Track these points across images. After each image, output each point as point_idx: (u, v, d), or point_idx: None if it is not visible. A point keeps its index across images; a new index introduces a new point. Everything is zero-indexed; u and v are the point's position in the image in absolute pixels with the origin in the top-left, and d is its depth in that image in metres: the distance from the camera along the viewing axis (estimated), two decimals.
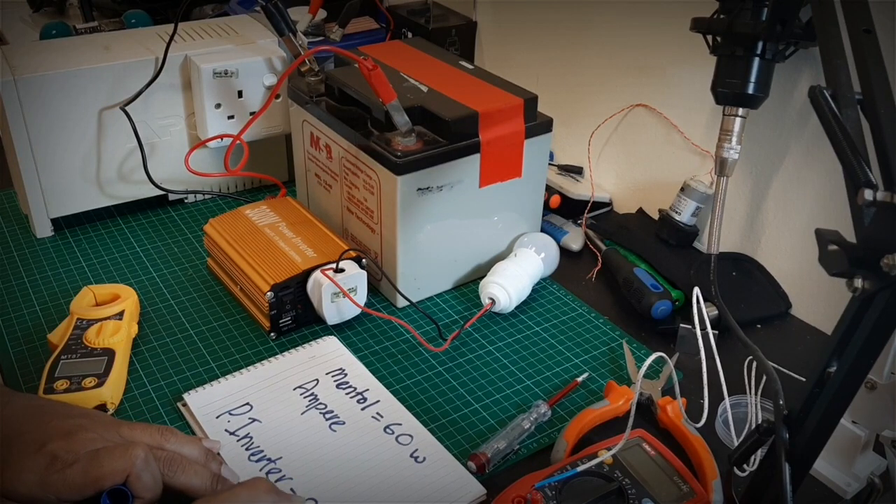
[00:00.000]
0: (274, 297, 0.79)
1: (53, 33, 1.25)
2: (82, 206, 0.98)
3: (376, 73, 0.79)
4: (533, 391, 0.77)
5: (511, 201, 0.91)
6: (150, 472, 0.58)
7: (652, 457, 0.67)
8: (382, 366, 0.80)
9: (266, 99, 0.99)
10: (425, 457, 0.67)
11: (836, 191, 0.83)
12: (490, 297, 0.85)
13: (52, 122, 0.91)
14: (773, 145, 0.88)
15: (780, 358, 0.79)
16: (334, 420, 0.71)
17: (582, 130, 1.09)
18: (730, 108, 0.82)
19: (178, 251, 0.96)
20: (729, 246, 0.95)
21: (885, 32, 0.60)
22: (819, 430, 0.53)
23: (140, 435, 0.61)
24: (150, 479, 0.58)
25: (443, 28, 1.24)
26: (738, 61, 0.79)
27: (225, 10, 1.39)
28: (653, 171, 1.03)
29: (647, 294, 0.85)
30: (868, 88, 0.52)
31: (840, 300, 0.51)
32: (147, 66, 0.94)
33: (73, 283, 0.89)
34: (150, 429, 0.62)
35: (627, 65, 1.02)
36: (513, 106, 0.86)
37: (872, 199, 0.46)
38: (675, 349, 0.83)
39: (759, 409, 0.74)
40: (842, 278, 0.48)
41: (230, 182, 1.08)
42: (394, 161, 0.80)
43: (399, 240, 0.84)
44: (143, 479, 0.57)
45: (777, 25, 0.77)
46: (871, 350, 0.50)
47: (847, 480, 0.68)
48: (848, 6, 0.58)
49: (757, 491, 0.59)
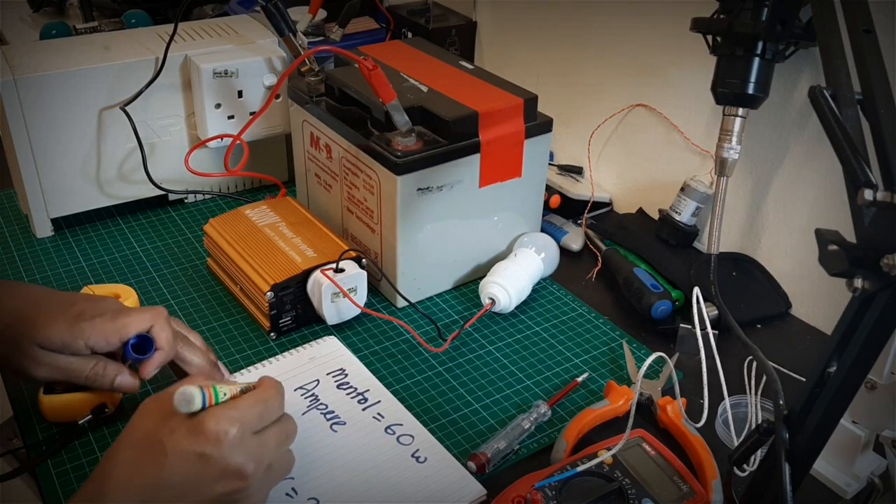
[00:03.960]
0: (274, 297, 0.79)
1: (53, 33, 1.25)
2: (82, 206, 0.98)
3: (376, 73, 0.79)
4: (533, 391, 0.77)
5: (511, 201, 0.91)
6: (170, 328, 0.68)
7: (652, 457, 0.67)
8: (382, 366, 0.80)
9: (266, 99, 0.99)
10: (426, 457, 0.67)
11: (836, 191, 0.83)
12: (490, 297, 0.85)
13: (52, 122, 0.91)
14: (773, 145, 0.88)
15: (780, 358, 0.79)
16: (335, 420, 0.71)
17: (582, 130, 1.09)
18: (730, 108, 0.82)
19: (178, 251, 0.96)
20: (729, 246, 0.95)
21: (885, 32, 0.60)
22: (819, 430, 0.53)
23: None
24: (170, 333, 0.67)
25: (443, 28, 1.24)
26: (738, 61, 0.79)
27: (225, 10, 1.39)
28: (653, 171, 1.03)
29: (647, 294, 0.85)
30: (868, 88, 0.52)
31: (840, 300, 0.51)
32: (147, 66, 0.94)
33: (73, 283, 0.89)
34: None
35: (627, 65, 1.02)
36: (513, 106, 0.86)
37: (872, 199, 0.46)
38: (675, 349, 0.83)
39: (759, 409, 0.74)
40: (842, 278, 0.48)
41: (230, 182, 1.08)
42: (394, 161, 0.80)
43: (399, 240, 0.84)
44: (166, 331, 0.67)
45: (777, 25, 0.77)
46: (871, 350, 0.50)
47: (847, 480, 0.68)
48: (848, 6, 0.58)
49: (757, 491, 0.59)
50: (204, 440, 0.52)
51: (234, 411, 0.54)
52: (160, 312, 0.68)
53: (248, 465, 0.53)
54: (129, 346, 0.66)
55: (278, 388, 0.59)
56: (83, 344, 0.65)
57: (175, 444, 0.52)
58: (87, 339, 0.65)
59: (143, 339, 0.66)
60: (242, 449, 0.53)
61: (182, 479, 0.52)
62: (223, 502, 0.53)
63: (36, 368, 0.65)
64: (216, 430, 0.52)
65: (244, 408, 0.55)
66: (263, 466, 0.55)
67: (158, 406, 0.55)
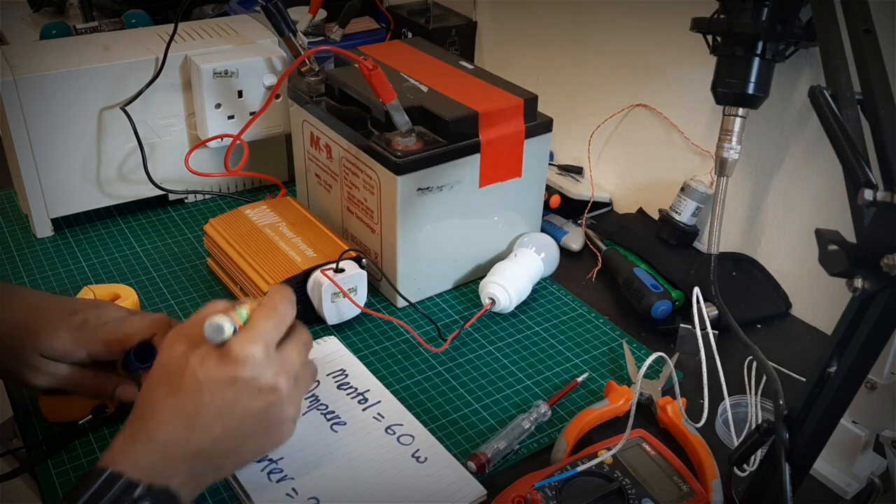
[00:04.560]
0: None
1: (53, 33, 1.24)
2: (82, 206, 0.98)
3: (376, 73, 0.79)
4: (533, 391, 0.77)
5: (511, 201, 0.91)
6: None
7: (652, 457, 0.67)
8: (382, 366, 0.80)
9: (266, 99, 0.99)
10: (427, 457, 0.67)
11: (836, 191, 0.83)
12: (490, 297, 0.85)
13: (52, 122, 0.91)
14: (773, 145, 0.88)
15: (780, 358, 0.79)
16: (335, 420, 0.71)
17: (582, 130, 1.09)
18: (730, 108, 0.82)
19: (178, 251, 0.96)
20: (729, 246, 0.95)
21: (885, 32, 0.60)
22: (819, 430, 0.53)
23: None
24: None
25: (443, 28, 1.24)
26: (738, 61, 0.79)
27: (225, 10, 1.39)
28: (653, 171, 1.03)
29: (647, 294, 0.85)
30: (868, 88, 0.52)
31: (840, 300, 0.51)
32: (147, 66, 0.94)
33: (73, 283, 0.89)
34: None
35: (627, 65, 1.02)
36: (513, 106, 0.86)
37: (872, 199, 0.46)
38: (675, 349, 0.83)
39: (759, 409, 0.74)
40: (842, 278, 0.49)
41: (230, 182, 1.08)
42: (394, 161, 0.80)
43: (399, 240, 0.84)
44: None
45: (777, 25, 0.77)
46: (871, 350, 0.50)
47: (847, 480, 0.68)
48: (848, 6, 0.58)
49: (757, 491, 0.59)
50: (234, 366, 0.55)
51: (253, 332, 0.56)
52: (163, 321, 0.67)
53: (279, 379, 0.56)
54: (131, 354, 0.65)
55: (285, 294, 0.61)
56: (86, 353, 0.64)
57: (208, 374, 0.54)
58: (89, 348, 0.64)
59: (144, 347, 0.66)
60: (270, 366, 0.56)
61: (221, 403, 0.54)
62: (263, 416, 0.56)
63: (35, 377, 0.64)
64: (243, 353, 0.55)
65: (261, 325, 0.57)
66: (292, 378, 0.58)
67: (184, 337, 0.57)
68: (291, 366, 0.58)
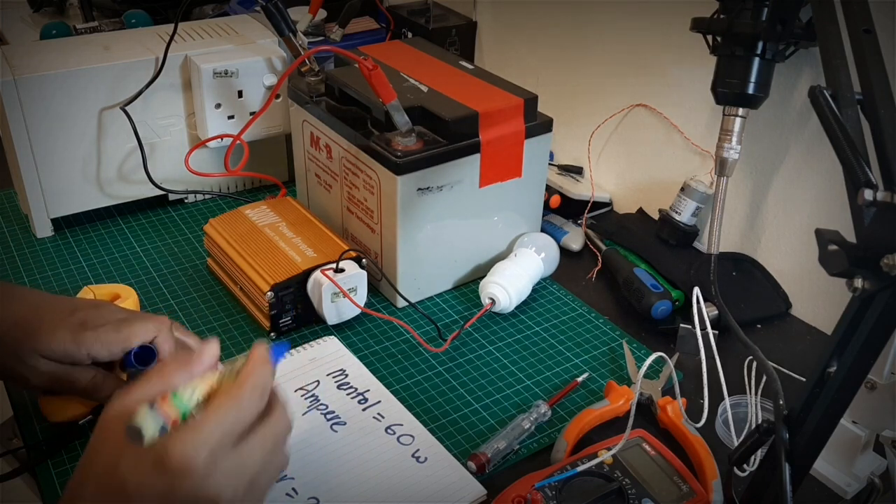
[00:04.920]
0: (274, 297, 0.79)
1: (53, 33, 1.24)
2: (82, 206, 0.98)
3: (376, 73, 0.79)
4: (533, 391, 0.77)
5: (511, 201, 0.91)
6: (173, 339, 0.67)
7: (652, 457, 0.67)
8: (382, 366, 0.80)
9: (266, 99, 0.99)
10: (427, 457, 0.67)
11: (836, 191, 0.83)
12: (490, 297, 0.85)
13: (52, 122, 0.91)
14: (773, 145, 0.88)
15: (780, 358, 0.79)
16: (335, 421, 0.71)
17: (582, 130, 1.09)
18: (730, 108, 0.82)
19: (178, 251, 0.96)
20: (729, 246, 0.95)
21: (885, 32, 0.60)
22: (819, 430, 0.53)
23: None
24: (173, 345, 0.66)
25: (443, 28, 1.24)
26: (738, 61, 0.79)
27: (225, 10, 1.39)
28: (653, 171, 1.03)
29: (647, 294, 0.85)
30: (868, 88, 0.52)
31: (840, 300, 0.51)
32: (147, 66, 0.94)
33: (73, 283, 0.89)
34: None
35: (627, 65, 1.02)
36: (513, 106, 0.86)
37: (872, 199, 0.46)
38: (675, 349, 0.83)
39: (759, 409, 0.74)
40: (842, 278, 0.48)
41: (230, 182, 1.08)
42: (394, 161, 0.80)
43: (399, 240, 0.84)
44: (169, 343, 0.66)
45: (777, 25, 0.77)
46: (871, 350, 0.50)
47: (847, 480, 0.68)
48: (848, 6, 0.58)
49: (757, 491, 0.59)
50: (170, 476, 0.45)
51: (201, 430, 0.46)
52: (164, 322, 0.67)
53: (224, 490, 0.46)
54: (132, 355, 0.65)
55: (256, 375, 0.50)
56: (85, 354, 0.63)
57: (139, 484, 0.45)
58: (89, 348, 0.63)
59: (145, 349, 0.65)
60: (216, 474, 0.46)
61: None
62: None
63: (34, 377, 0.63)
64: (181, 458, 0.45)
65: (212, 420, 0.47)
66: (244, 485, 0.48)
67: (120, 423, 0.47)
68: (247, 468, 0.48)
